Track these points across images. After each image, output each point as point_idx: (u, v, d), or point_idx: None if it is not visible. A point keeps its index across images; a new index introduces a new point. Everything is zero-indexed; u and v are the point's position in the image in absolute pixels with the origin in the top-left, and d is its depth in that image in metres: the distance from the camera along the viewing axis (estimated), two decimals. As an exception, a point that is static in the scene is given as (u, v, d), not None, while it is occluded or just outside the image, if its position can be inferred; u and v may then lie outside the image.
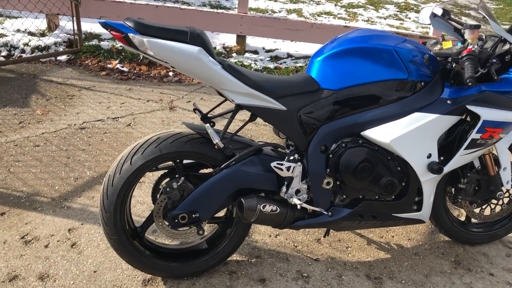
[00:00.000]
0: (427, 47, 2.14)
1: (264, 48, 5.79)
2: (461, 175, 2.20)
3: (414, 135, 1.92)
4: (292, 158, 1.92)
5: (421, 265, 2.28)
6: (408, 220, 2.13)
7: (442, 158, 2.05)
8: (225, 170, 1.87)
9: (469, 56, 1.84)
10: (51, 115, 3.63)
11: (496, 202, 2.34)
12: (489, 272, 2.27)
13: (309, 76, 1.96)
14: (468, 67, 1.81)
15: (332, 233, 2.41)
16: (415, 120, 1.92)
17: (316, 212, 1.98)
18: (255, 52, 5.66)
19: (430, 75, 1.99)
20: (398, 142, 1.91)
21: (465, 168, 2.20)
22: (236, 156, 1.88)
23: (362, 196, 2.03)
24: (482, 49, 1.91)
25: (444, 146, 2.06)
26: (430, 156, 1.98)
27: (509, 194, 2.34)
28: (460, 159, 2.04)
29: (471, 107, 1.96)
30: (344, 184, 1.97)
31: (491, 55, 1.92)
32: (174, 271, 2.02)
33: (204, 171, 1.99)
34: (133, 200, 2.54)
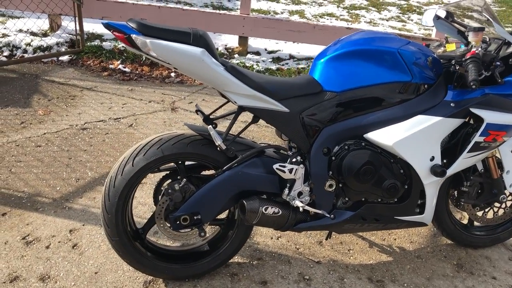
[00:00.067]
0: (431, 49, 2.13)
1: (266, 49, 5.78)
2: (464, 178, 2.19)
3: (417, 137, 1.91)
4: (295, 160, 1.92)
5: (423, 268, 2.27)
6: (411, 223, 2.12)
7: (445, 161, 2.04)
8: (227, 172, 1.86)
9: (473, 59, 1.83)
10: (53, 115, 3.63)
11: (499, 205, 2.33)
12: (491, 275, 2.26)
13: (312, 78, 1.95)
14: (472, 69, 1.80)
15: (334, 235, 2.41)
16: (418, 122, 1.91)
17: (318, 215, 1.97)
18: (257, 53, 5.66)
19: (434, 77, 1.98)
20: (401, 145, 1.90)
21: (468, 171, 2.19)
22: (238, 158, 1.87)
23: (365, 199, 2.02)
24: (486, 51, 1.90)
25: (447, 149, 2.06)
26: (433, 159, 1.97)
27: (512, 197, 2.34)
28: (463, 162, 2.03)
29: (474, 110, 1.95)
30: (347, 187, 1.96)
31: (495, 58, 1.92)
32: (175, 273, 2.01)
33: (206, 173, 1.99)
34: (134, 201, 2.54)
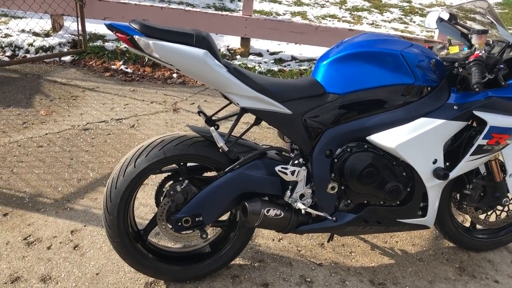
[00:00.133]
0: (434, 51, 2.12)
1: (268, 50, 5.78)
2: (466, 181, 2.18)
3: (420, 140, 1.91)
4: (297, 162, 1.91)
5: (425, 271, 2.26)
6: (413, 225, 2.11)
7: (448, 164, 2.03)
8: (229, 173, 1.86)
9: (476, 62, 1.83)
10: (55, 115, 3.63)
11: (501, 208, 2.32)
12: (494, 279, 2.25)
13: (314, 80, 1.94)
14: (475, 72, 1.80)
15: (336, 237, 2.40)
16: (421, 125, 1.91)
17: (320, 217, 1.97)
18: (259, 54, 5.65)
19: (437, 80, 1.98)
20: (403, 147, 1.89)
21: (470, 173, 2.18)
22: (240, 160, 1.87)
23: (367, 201, 2.01)
24: (489, 54, 1.90)
25: (450, 152, 2.05)
26: (436, 161, 1.96)
27: (515, 200, 2.32)
28: (466, 165, 2.03)
29: (477, 113, 1.95)
30: (349, 189, 1.96)
31: (499, 61, 1.91)
32: (176, 275, 2.01)
33: (208, 174, 1.99)
34: (136, 202, 2.53)
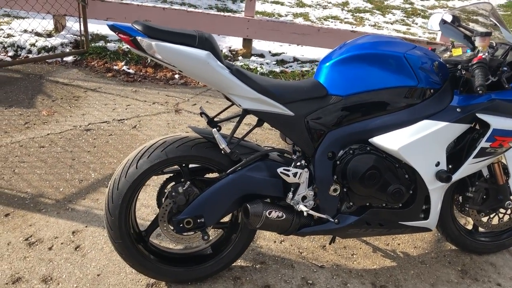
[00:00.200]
0: (437, 54, 2.12)
1: (270, 51, 5.77)
2: (469, 184, 2.18)
3: (422, 143, 1.90)
4: (299, 164, 1.91)
5: (427, 273, 2.25)
6: (415, 228, 2.10)
7: (451, 167, 2.03)
8: (231, 175, 1.86)
9: (479, 64, 1.82)
10: (57, 116, 3.63)
11: (504, 211, 2.31)
12: (496, 282, 2.24)
13: (317, 81, 1.94)
14: (479, 75, 1.79)
15: (338, 240, 2.39)
16: (424, 127, 1.90)
17: (322, 219, 1.96)
18: (261, 55, 5.65)
19: (440, 82, 1.97)
20: (406, 150, 1.89)
21: (473, 176, 2.17)
22: (242, 161, 1.86)
23: (369, 204, 2.01)
24: (493, 56, 1.89)
25: (453, 154, 2.04)
26: (438, 164, 1.96)
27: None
28: (468, 167, 2.02)
29: (480, 116, 1.94)
30: (351, 191, 1.95)
31: (502, 63, 1.91)
32: (178, 276, 2.01)
33: (210, 176, 1.98)
34: (137, 203, 2.53)
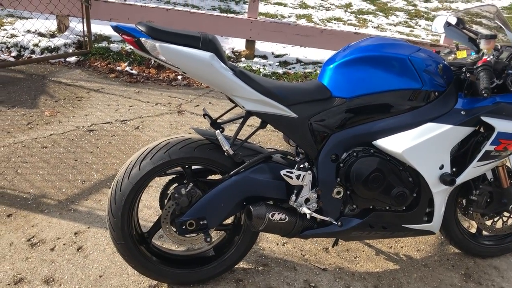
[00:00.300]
0: (441, 56, 2.11)
1: (273, 53, 5.77)
2: (473, 187, 2.17)
3: (426, 145, 1.89)
4: (302, 166, 1.90)
5: (430, 277, 2.24)
6: (418, 231, 2.09)
7: (455, 170, 2.01)
8: (234, 177, 1.85)
9: (484, 67, 1.81)
10: (60, 116, 3.63)
11: (508, 215, 2.30)
12: (500, 286, 2.22)
13: (321, 83, 1.93)
14: (484, 77, 1.78)
15: (340, 242, 2.38)
16: (428, 130, 1.89)
17: (326, 222, 1.95)
18: (264, 57, 5.65)
19: (444, 85, 1.96)
20: (410, 153, 1.88)
21: (477, 179, 2.16)
22: (245, 163, 1.86)
23: (373, 207, 2.00)
24: (497, 59, 1.89)
25: (457, 157, 2.03)
26: (442, 167, 1.95)
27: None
28: (473, 170, 2.01)
29: (485, 119, 1.93)
30: (355, 194, 1.94)
31: (507, 66, 1.90)
32: (180, 278, 2.00)
33: (212, 177, 1.98)
34: (140, 204, 2.52)
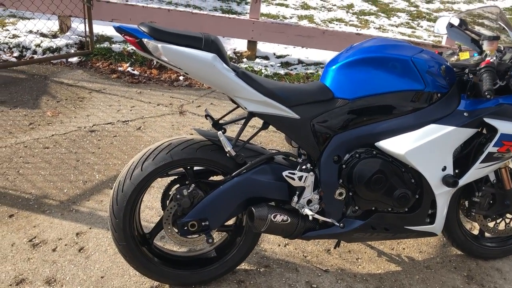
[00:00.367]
0: (444, 57, 2.10)
1: (275, 54, 5.77)
2: (475, 188, 2.16)
3: (429, 147, 1.88)
4: (304, 167, 1.90)
5: (432, 279, 2.23)
6: (421, 232, 2.09)
7: (457, 171, 2.01)
8: (236, 178, 1.85)
9: (487, 68, 1.81)
10: (61, 117, 3.63)
11: (511, 216, 2.29)
12: (502, 288, 2.22)
13: (323, 84, 1.93)
14: (487, 79, 1.78)
15: (342, 243, 2.38)
16: (431, 132, 1.89)
17: (328, 223, 1.95)
18: (266, 57, 5.65)
19: (447, 86, 1.95)
20: (413, 154, 1.87)
21: (480, 181, 2.16)
22: (247, 164, 1.85)
23: (375, 208, 1.99)
24: (501, 61, 1.88)
25: (460, 159, 2.03)
26: (445, 168, 1.94)
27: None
28: (475, 172, 2.00)
29: (488, 120, 1.93)
30: (357, 195, 1.94)
31: (510, 67, 1.89)
32: (182, 279, 2.00)
33: (214, 178, 1.97)
34: (142, 205, 2.52)
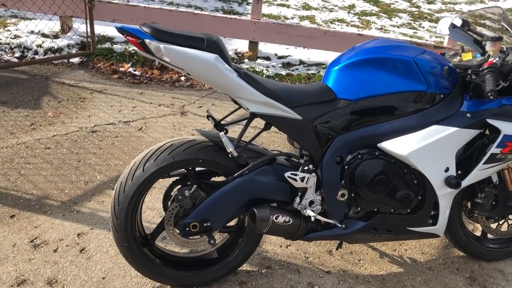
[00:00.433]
0: (447, 58, 2.10)
1: (276, 54, 5.76)
2: (478, 190, 2.15)
3: (432, 148, 1.88)
4: (307, 168, 1.89)
5: (435, 280, 2.22)
6: (423, 234, 2.08)
7: (460, 172, 2.00)
8: (238, 179, 1.84)
9: (490, 69, 1.80)
10: (63, 117, 3.63)
11: (513, 218, 2.28)
12: (505, 289, 2.21)
13: (325, 85, 1.92)
14: (490, 80, 1.77)
15: (344, 245, 2.37)
16: (434, 133, 1.88)
17: (330, 224, 1.94)
18: (267, 58, 5.64)
19: (450, 87, 1.95)
20: (415, 155, 1.87)
21: (482, 182, 2.15)
22: (249, 165, 1.85)
23: (377, 209, 1.99)
24: (503, 61, 1.88)
25: (462, 160, 2.02)
26: (447, 170, 1.93)
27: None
28: (478, 173, 1.99)
29: (491, 121, 1.92)
30: (359, 197, 1.93)
31: (513, 68, 1.89)
32: (183, 280, 1.99)
33: (216, 179, 1.97)
34: (143, 206, 2.51)
